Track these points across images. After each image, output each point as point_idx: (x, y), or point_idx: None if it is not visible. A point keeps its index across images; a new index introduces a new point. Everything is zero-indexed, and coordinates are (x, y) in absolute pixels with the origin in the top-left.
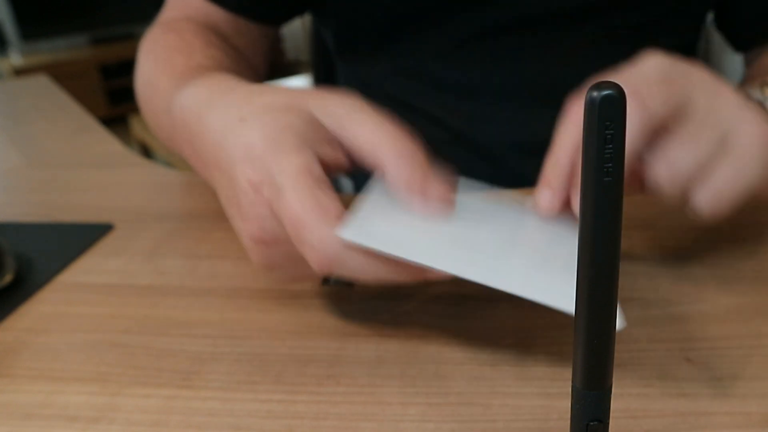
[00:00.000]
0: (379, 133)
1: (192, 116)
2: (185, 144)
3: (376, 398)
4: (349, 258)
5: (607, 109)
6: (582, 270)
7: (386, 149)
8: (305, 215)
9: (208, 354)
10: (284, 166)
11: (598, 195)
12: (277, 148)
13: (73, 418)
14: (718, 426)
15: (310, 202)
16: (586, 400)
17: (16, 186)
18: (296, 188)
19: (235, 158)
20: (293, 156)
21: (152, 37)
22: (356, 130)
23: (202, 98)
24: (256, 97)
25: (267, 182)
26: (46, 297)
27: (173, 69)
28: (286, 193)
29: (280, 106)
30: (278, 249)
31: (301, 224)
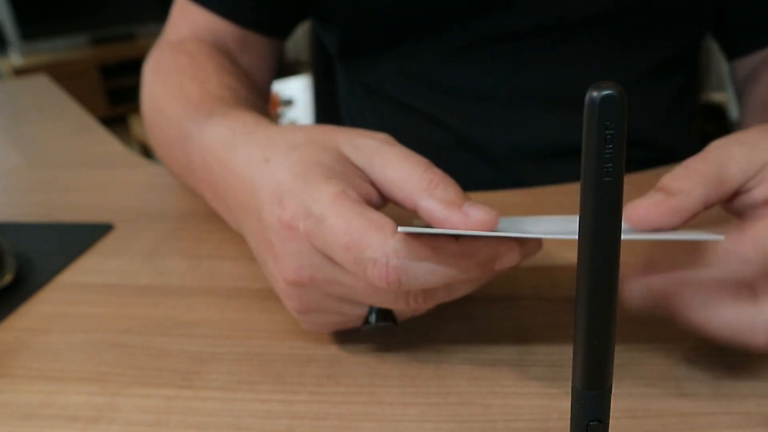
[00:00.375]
0: (409, 168)
1: (214, 160)
2: (206, 188)
3: (376, 398)
4: (416, 263)
5: (607, 109)
6: (582, 270)
7: (417, 185)
8: (359, 233)
9: (208, 354)
10: (318, 195)
11: (598, 195)
12: (306, 181)
13: (73, 418)
14: (718, 426)
15: (359, 219)
16: (586, 400)
17: (17, 186)
18: (339, 212)
19: (263, 199)
20: (325, 185)
21: (161, 59)
22: (386, 166)
23: (225, 141)
24: (279, 137)
25: (302, 215)
26: (46, 297)
27: (187, 98)
28: (329, 219)
29: (305, 143)
30: (316, 289)
31: (356, 243)
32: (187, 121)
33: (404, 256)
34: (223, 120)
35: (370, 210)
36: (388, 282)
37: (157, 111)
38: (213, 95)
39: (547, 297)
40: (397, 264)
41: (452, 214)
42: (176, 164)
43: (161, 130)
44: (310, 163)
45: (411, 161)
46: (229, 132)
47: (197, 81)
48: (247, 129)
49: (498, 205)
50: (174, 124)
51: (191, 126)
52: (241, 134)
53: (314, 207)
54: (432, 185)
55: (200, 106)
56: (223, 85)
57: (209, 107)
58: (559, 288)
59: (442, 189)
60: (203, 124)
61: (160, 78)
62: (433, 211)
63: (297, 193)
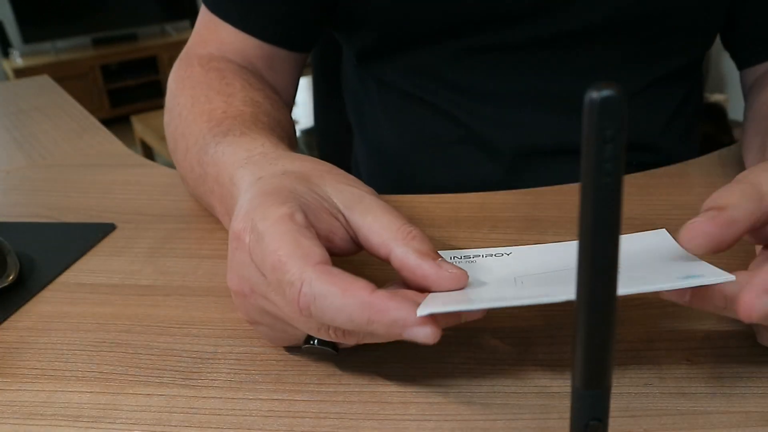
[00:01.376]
0: (389, 219)
1: (227, 177)
2: (216, 200)
3: (376, 397)
4: (324, 298)
5: (606, 109)
6: (582, 270)
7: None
8: (285, 255)
9: (210, 353)
10: (266, 214)
11: (598, 195)
12: (264, 200)
13: (75, 417)
14: (717, 425)
15: (290, 243)
16: (586, 400)
17: (19, 186)
18: (276, 233)
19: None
20: (277, 206)
21: (190, 71)
22: (367, 213)
23: (239, 160)
24: (282, 162)
25: (249, 229)
26: (48, 296)
27: (212, 112)
28: (266, 238)
29: (295, 172)
30: (255, 301)
31: (281, 264)
32: (208, 134)
33: (316, 288)
34: (240, 139)
35: (308, 238)
36: (299, 308)
37: (181, 119)
38: (236, 110)
39: None
40: (308, 293)
41: (424, 263)
42: (191, 173)
43: (183, 138)
44: (283, 188)
45: (392, 214)
46: (246, 154)
47: (224, 95)
48: (263, 150)
49: (499, 205)
50: (195, 134)
51: (210, 140)
52: (258, 155)
53: (259, 224)
54: (410, 236)
55: (223, 121)
56: (247, 100)
57: (229, 124)
58: None
59: (419, 241)
60: (220, 140)
61: (188, 90)
62: (406, 258)
63: (251, 209)
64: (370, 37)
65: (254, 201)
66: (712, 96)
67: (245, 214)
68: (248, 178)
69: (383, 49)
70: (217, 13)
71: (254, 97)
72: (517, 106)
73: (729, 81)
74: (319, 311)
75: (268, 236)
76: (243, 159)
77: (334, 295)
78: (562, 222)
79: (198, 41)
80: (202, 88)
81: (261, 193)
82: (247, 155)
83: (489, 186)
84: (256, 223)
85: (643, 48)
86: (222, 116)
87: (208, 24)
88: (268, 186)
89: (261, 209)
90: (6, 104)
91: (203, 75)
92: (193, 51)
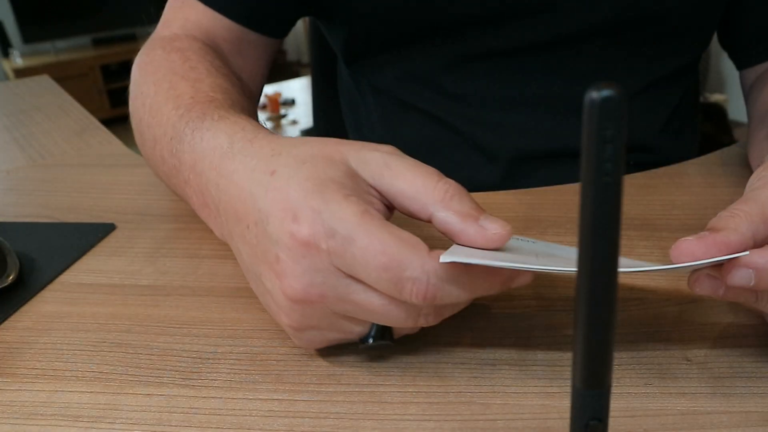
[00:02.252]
0: (422, 179)
1: (207, 165)
2: (192, 192)
3: (376, 397)
4: (452, 283)
5: (606, 109)
6: (582, 270)
7: (432, 196)
8: (396, 253)
9: (210, 353)
10: (341, 214)
11: (598, 195)
12: (324, 198)
13: (75, 417)
14: (717, 425)
15: (393, 239)
16: (586, 399)
17: (19, 186)
18: (369, 232)
19: (270, 213)
20: (346, 203)
21: (152, 56)
22: (397, 178)
23: (221, 147)
24: (285, 149)
25: (323, 234)
26: (48, 296)
27: (179, 98)
28: (360, 240)
29: (313, 157)
30: (322, 307)
31: (395, 263)
32: (179, 122)
33: (442, 276)
34: (219, 124)
35: (398, 229)
36: (425, 299)
37: (146, 109)
38: (205, 96)
39: (547, 297)
40: (436, 283)
41: (469, 227)
42: (162, 164)
43: (149, 129)
44: (322, 179)
45: (423, 172)
46: (227, 139)
47: (189, 80)
48: (247, 136)
49: (499, 206)
50: (163, 124)
51: (183, 127)
52: (240, 141)
53: (339, 227)
54: (447, 196)
55: (193, 107)
56: (215, 86)
57: (202, 109)
58: (559, 288)
59: (458, 200)
60: (196, 126)
61: (150, 76)
62: (449, 223)
63: (315, 210)
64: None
65: (309, 201)
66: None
67: (304, 218)
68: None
69: (369, 50)
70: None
71: (221, 83)
72: (514, 111)
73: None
74: (446, 296)
75: (362, 237)
76: (225, 146)
77: (461, 277)
78: (562, 222)
79: (162, 23)
80: (164, 72)
81: (308, 192)
82: (229, 142)
83: (486, 190)
84: (334, 226)
85: (641, 50)
86: (191, 102)
87: (176, 4)
88: (308, 182)
89: (329, 210)
90: (6, 104)
91: (164, 58)
92: (156, 35)
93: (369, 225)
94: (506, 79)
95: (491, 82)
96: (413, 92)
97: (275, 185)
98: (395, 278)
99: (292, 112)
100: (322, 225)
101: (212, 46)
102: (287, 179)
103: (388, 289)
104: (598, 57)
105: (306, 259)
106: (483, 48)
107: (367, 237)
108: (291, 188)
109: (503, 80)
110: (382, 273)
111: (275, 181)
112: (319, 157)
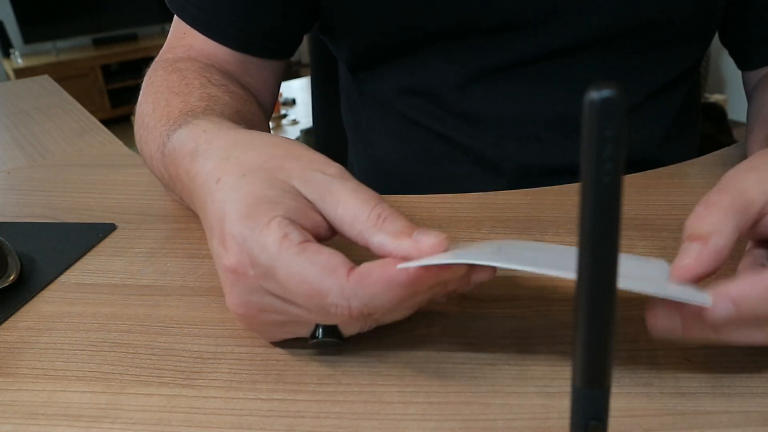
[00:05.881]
0: (359, 206)
1: (183, 172)
2: (188, 198)
3: (376, 397)
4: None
5: (606, 109)
6: (582, 270)
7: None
8: (316, 282)
9: (210, 353)
10: (263, 242)
11: (597, 195)
12: (250, 224)
13: (75, 416)
14: (717, 425)
15: (311, 267)
16: (586, 399)
17: (19, 186)
18: (288, 262)
19: (211, 228)
20: (267, 231)
21: (153, 77)
22: (337, 204)
23: (189, 151)
24: (234, 152)
25: (248, 263)
26: (48, 296)
27: (169, 114)
28: (280, 271)
29: (256, 169)
30: (266, 317)
31: (316, 292)
32: (165, 136)
33: (363, 296)
34: (187, 130)
35: (317, 253)
36: (352, 318)
37: (144, 128)
38: (191, 107)
39: (547, 297)
40: (358, 305)
41: (402, 243)
42: (162, 177)
43: (146, 145)
44: (256, 198)
45: (360, 198)
46: (192, 143)
47: (181, 95)
48: (207, 137)
49: (499, 206)
50: (156, 140)
51: (167, 140)
52: (203, 143)
53: (261, 257)
54: (380, 220)
55: (177, 119)
56: (203, 96)
57: (183, 119)
58: (559, 288)
59: (390, 222)
60: (173, 137)
61: (150, 96)
62: (384, 244)
63: (241, 238)
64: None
65: (237, 227)
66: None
67: (236, 247)
68: (202, 177)
69: (372, 63)
70: (184, 19)
71: (211, 92)
72: (517, 125)
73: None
74: (370, 311)
75: (282, 269)
76: (191, 150)
77: (380, 293)
78: (562, 222)
79: (166, 49)
80: (162, 92)
81: (240, 215)
82: (194, 145)
83: None
84: (256, 256)
85: (644, 57)
86: (178, 115)
87: (177, 31)
88: (242, 203)
89: (252, 238)
90: (6, 104)
91: (164, 78)
92: (160, 58)
93: (287, 253)
94: (509, 93)
95: (494, 97)
96: (414, 106)
97: (216, 197)
98: (319, 305)
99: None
100: (247, 254)
101: (219, 68)
102: (225, 193)
103: (317, 312)
104: (599, 69)
105: (238, 284)
106: (486, 62)
107: (286, 268)
108: (226, 206)
109: (506, 95)
110: (307, 300)
111: (217, 193)
112: (262, 170)
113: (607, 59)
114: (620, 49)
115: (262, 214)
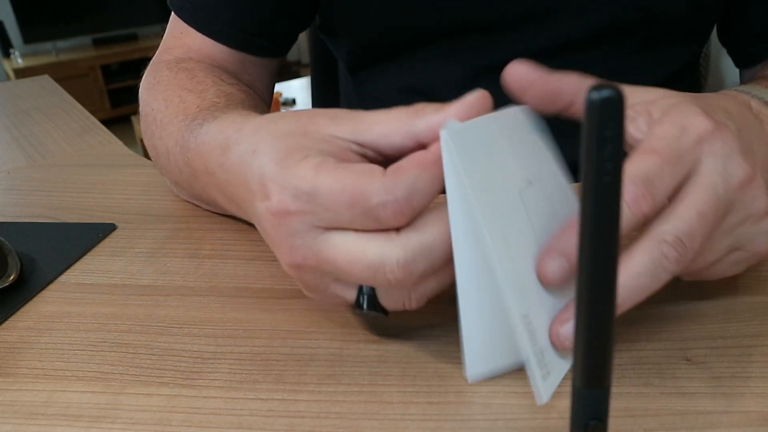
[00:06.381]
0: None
1: (215, 165)
2: (216, 193)
3: (377, 397)
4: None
5: (606, 109)
6: (582, 270)
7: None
8: (355, 185)
9: (210, 353)
10: (300, 173)
11: (597, 195)
12: (286, 165)
13: (75, 416)
14: (717, 425)
15: (349, 174)
16: (586, 399)
17: (19, 186)
18: (327, 178)
19: (253, 190)
20: (303, 164)
21: (158, 77)
22: (372, 125)
23: (219, 144)
24: (265, 127)
25: (289, 198)
26: (48, 296)
27: (186, 110)
28: (321, 189)
29: (289, 132)
30: (311, 270)
31: (358, 195)
32: (186, 132)
33: (405, 185)
34: (215, 124)
35: (354, 164)
36: (403, 216)
37: (158, 124)
38: (209, 103)
39: None
40: (404, 194)
41: (449, 109)
42: (180, 174)
43: (161, 141)
44: (291, 148)
45: (391, 112)
46: (222, 135)
47: (196, 92)
48: (237, 126)
49: None
50: (174, 135)
51: (188, 136)
52: (233, 132)
53: (301, 185)
54: (415, 110)
55: (197, 115)
56: (220, 93)
57: (203, 116)
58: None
59: (427, 107)
60: (198, 133)
61: (160, 93)
62: (430, 121)
63: (280, 177)
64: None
65: (275, 172)
66: None
67: (276, 187)
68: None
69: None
70: (183, 18)
71: (226, 90)
72: None
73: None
74: (420, 200)
75: (322, 186)
76: (221, 142)
77: (419, 175)
78: None
79: (163, 50)
80: (174, 89)
81: (276, 162)
82: (223, 137)
83: None
84: (296, 186)
85: (639, 56)
86: (196, 111)
87: (174, 32)
88: (278, 153)
89: (289, 174)
90: (6, 104)
91: (173, 77)
92: (158, 59)
93: (325, 172)
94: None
95: (494, 95)
96: None
97: (255, 164)
98: (365, 210)
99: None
100: (288, 191)
101: (218, 66)
102: (263, 156)
103: (365, 223)
104: (599, 66)
105: (282, 227)
106: (485, 60)
107: (326, 183)
108: (264, 162)
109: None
110: (351, 210)
111: (255, 160)
112: (294, 130)
113: (605, 57)
114: (618, 46)
115: (294, 157)
